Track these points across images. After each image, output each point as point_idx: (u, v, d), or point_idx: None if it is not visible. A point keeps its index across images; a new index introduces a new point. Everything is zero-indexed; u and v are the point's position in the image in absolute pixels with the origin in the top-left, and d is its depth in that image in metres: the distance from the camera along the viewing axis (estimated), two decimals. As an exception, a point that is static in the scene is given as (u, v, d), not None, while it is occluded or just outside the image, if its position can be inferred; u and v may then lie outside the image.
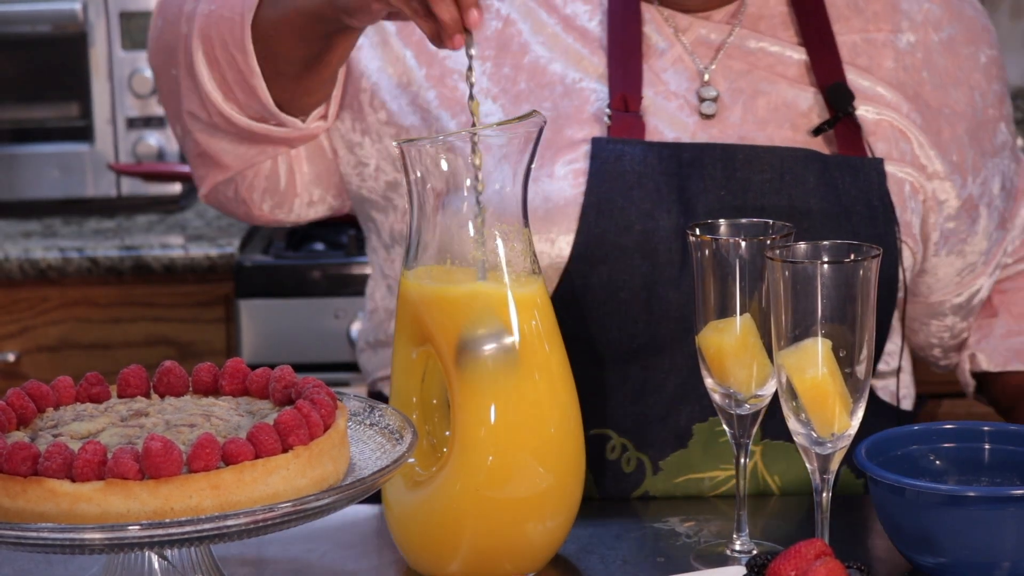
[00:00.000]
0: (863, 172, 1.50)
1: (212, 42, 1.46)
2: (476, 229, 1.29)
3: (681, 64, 1.54)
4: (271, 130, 1.50)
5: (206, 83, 1.48)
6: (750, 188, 1.47)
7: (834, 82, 1.52)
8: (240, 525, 1.07)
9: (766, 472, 1.50)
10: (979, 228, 1.62)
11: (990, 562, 1.25)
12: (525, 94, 1.52)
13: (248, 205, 1.60)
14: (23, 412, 1.20)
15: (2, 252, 2.76)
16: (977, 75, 1.60)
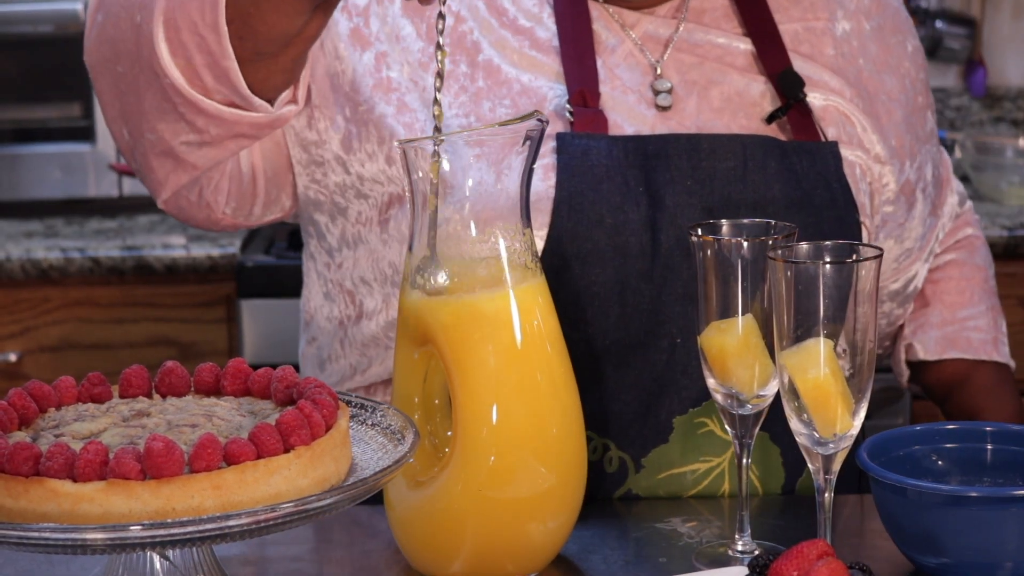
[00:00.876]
0: (819, 156, 1.53)
1: (177, 25, 1.38)
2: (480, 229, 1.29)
3: (633, 59, 1.55)
4: (241, 115, 1.42)
5: (170, 69, 1.39)
6: (715, 177, 1.49)
7: (783, 69, 1.55)
8: (242, 525, 1.07)
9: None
10: (916, 213, 1.66)
11: (992, 562, 1.25)
12: (484, 92, 1.52)
13: (211, 208, 1.56)
14: (25, 412, 1.20)
15: (4, 252, 2.76)
16: (906, 63, 1.66)
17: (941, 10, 3.37)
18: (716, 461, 1.49)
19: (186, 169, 1.49)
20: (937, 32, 3.36)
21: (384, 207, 1.53)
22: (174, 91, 1.40)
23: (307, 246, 1.63)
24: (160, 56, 1.38)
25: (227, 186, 1.55)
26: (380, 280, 1.55)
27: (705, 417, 1.48)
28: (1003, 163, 3.12)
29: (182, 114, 1.42)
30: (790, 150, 1.52)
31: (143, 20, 1.40)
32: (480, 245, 1.29)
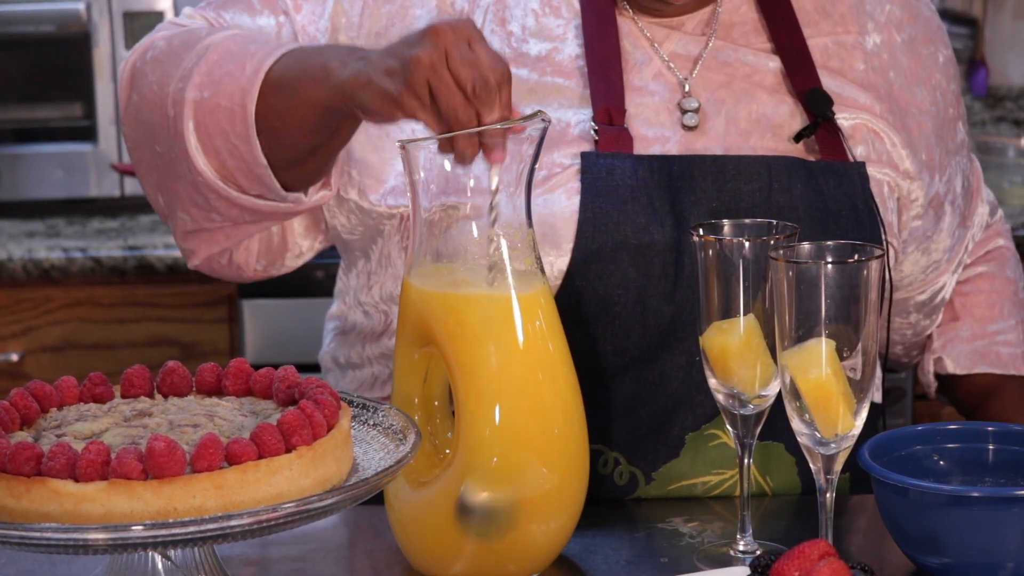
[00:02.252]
0: (846, 176, 1.51)
1: (208, 131, 1.40)
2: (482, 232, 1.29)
3: (662, 77, 1.53)
4: (277, 207, 1.44)
5: (204, 170, 1.41)
6: (741, 198, 1.47)
7: (811, 87, 1.53)
8: (243, 525, 1.07)
9: (757, 473, 1.49)
10: (944, 226, 1.64)
11: (994, 563, 1.25)
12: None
13: (242, 269, 1.57)
14: (26, 412, 1.20)
15: (5, 252, 2.77)
16: (938, 74, 1.63)
17: (943, 10, 3.37)
18: (729, 473, 1.49)
19: (218, 241, 1.52)
20: (939, 32, 3.36)
21: (407, 231, 1.52)
22: (207, 188, 1.43)
23: (350, 267, 1.62)
24: (193, 157, 1.41)
25: (256, 247, 1.56)
26: None
27: (718, 429, 1.48)
28: (1005, 163, 3.12)
29: (215, 206, 1.45)
30: (816, 171, 1.50)
31: (176, 115, 1.42)
32: (482, 246, 1.29)
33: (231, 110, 1.38)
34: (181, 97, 1.41)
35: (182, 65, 1.43)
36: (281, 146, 1.39)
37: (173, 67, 1.44)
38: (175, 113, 1.42)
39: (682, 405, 1.47)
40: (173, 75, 1.43)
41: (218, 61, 1.41)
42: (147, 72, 1.47)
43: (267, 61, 1.39)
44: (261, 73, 1.38)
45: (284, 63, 1.38)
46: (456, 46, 1.24)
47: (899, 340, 1.72)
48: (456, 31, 1.25)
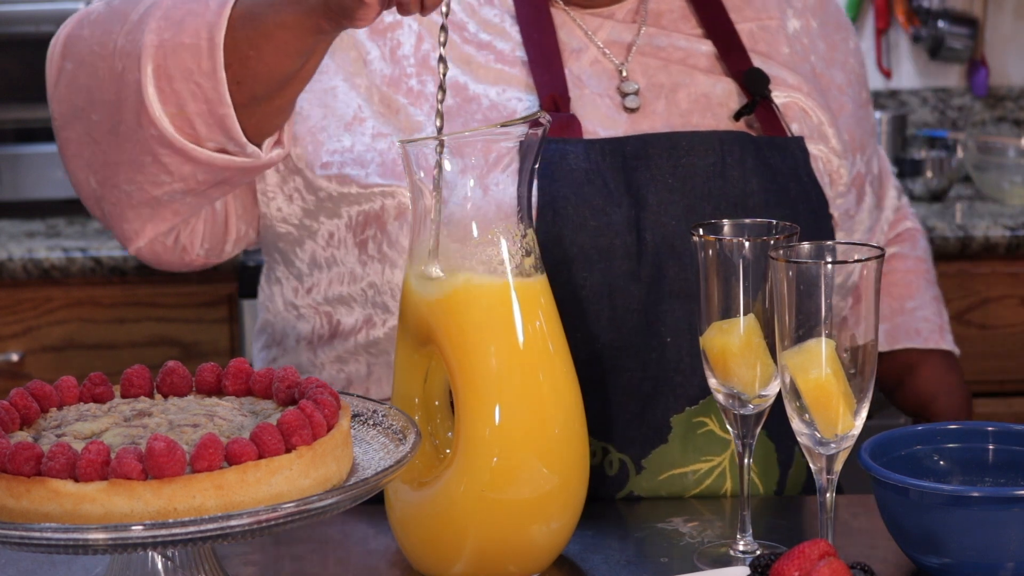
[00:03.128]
0: (789, 151, 1.55)
1: (168, 73, 1.36)
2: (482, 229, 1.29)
3: (599, 64, 1.56)
4: (233, 160, 1.41)
5: (160, 119, 1.36)
6: (696, 173, 1.50)
7: (747, 67, 1.58)
8: (243, 525, 1.08)
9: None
10: (864, 206, 1.70)
11: (994, 563, 1.25)
12: (454, 110, 1.51)
13: (186, 251, 1.54)
14: (26, 412, 1.20)
15: (6, 252, 2.77)
16: (851, 59, 1.71)
17: (943, 10, 3.37)
18: (717, 460, 1.49)
19: (165, 218, 1.47)
20: (939, 32, 3.36)
21: (360, 228, 1.52)
22: (160, 141, 1.38)
23: (271, 271, 1.61)
24: (149, 105, 1.36)
25: (202, 228, 1.53)
26: (361, 301, 1.54)
27: (704, 416, 1.49)
28: (1005, 163, 3.12)
29: (165, 164, 1.40)
30: (763, 145, 1.54)
31: (126, 68, 1.38)
32: (482, 246, 1.29)
33: (196, 46, 1.35)
34: (135, 46, 1.37)
35: (128, 19, 1.40)
36: (251, 78, 1.36)
37: (117, 23, 1.40)
38: (124, 66, 1.38)
39: (663, 387, 1.48)
40: (118, 30, 1.40)
41: (174, 5, 1.38)
42: (84, 36, 1.43)
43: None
44: (228, 4, 1.36)
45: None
46: None
47: None
48: None
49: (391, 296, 1.51)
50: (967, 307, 2.84)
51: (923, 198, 3.12)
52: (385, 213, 1.51)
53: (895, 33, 3.44)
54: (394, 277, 1.51)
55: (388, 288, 1.52)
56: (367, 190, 1.50)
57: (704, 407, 1.48)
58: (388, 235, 1.51)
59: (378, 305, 1.52)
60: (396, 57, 1.54)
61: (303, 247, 1.56)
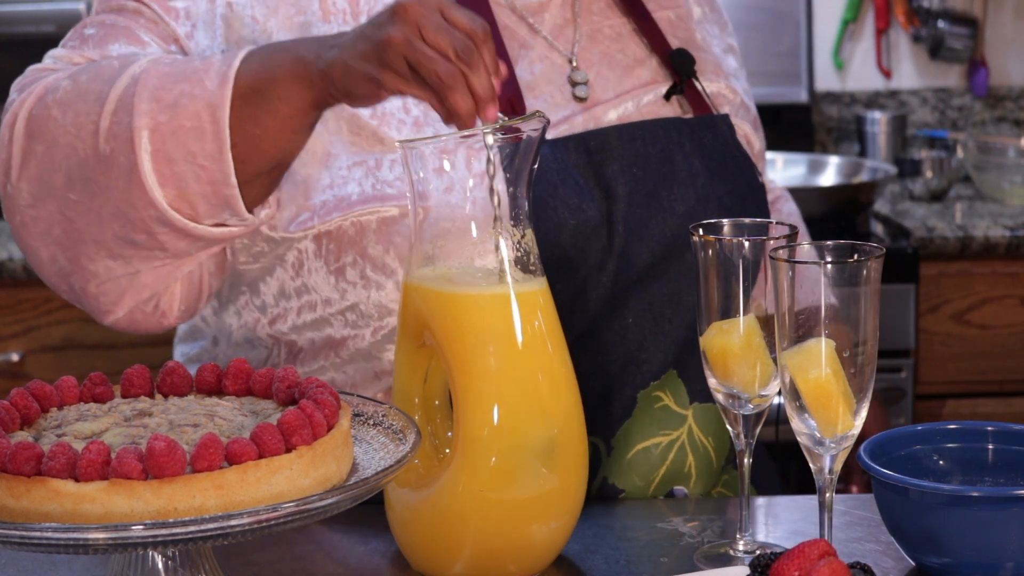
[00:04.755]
0: (718, 128, 1.60)
1: (169, 157, 1.33)
2: (481, 230, 1.29)
3: (547, 59, 1.57)
4: (230, 232, 1.40)
5: (159, 201, 1.34)
6: (651, 161, 1.53)
7: (672, 49, 1.62)
8: (243, 525, 1.08)
9: (701, 434, 1.52)
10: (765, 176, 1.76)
11: (994, 563, 1.25)
12: (422, 120, 1.49)
13: (165, 316, 1.50)
14: (27, 412, 1.20)
15: (6, 252, 2.76)
16: (732, 40, 1.76)
17: (943, 10, 3.37)
18: (675, 434, 1.51)
19: (146, 286, 1.45)
20: (939, 32, 3.36)
21: (334, 256, 1.48)
22: (160, 221, 1.36)
23: (228, 305, 1.57)
24: (149, 189, 1.34)
25: (180, 291, 1.49)
26: (339, 323, 1.51)
27: (660, 391, 1.51)
28: (1005, 163, 3.12)
29: (162, 243, 1.38)
30: (695, 126, 1.58)
31: (115, 150, 1.35)
32: (481, 246, 1.29)
33: (199, 128, 1.33)
34: (125, 129, 1.34)
35: (108, 99, 1.36)
36: (255, 156, 1.35)
37: (93, 104, 1.37)
38: (112, 148, 1.35)
39: (628, 366, 1.50)
40: (96, 111, 1.36)
41: (162, 85, 1.35)
42: (54, 116, 1.38)
43: (230, 71, 1.34)
44: (229, 83, 1.33)
45: (248, 69, 1.34)
46: (427, 17, 1.25)
47: None
48: (424, 3, 1.26)
49: (375, 316, 1.49)
50: (967, 307, 2.84)
51: (923, 198, 3.12)
52: (364, 236, 1.46)
53: (895, 33, 3.44)
54: (381, 297, 1.48)
55: (374, 310, 1.49)
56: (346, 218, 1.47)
57: (662, 382, 1.51)
58: (371, 259, 1.47)
59: (358, 325, 1.50)
60: None
61: (272, 277, 1.52)
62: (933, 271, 2.82)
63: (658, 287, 1.51)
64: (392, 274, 1.47)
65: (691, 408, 1.52)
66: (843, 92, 3.45)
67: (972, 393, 2.82)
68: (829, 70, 3.45)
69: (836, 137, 3.48)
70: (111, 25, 1.50)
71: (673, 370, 1.52)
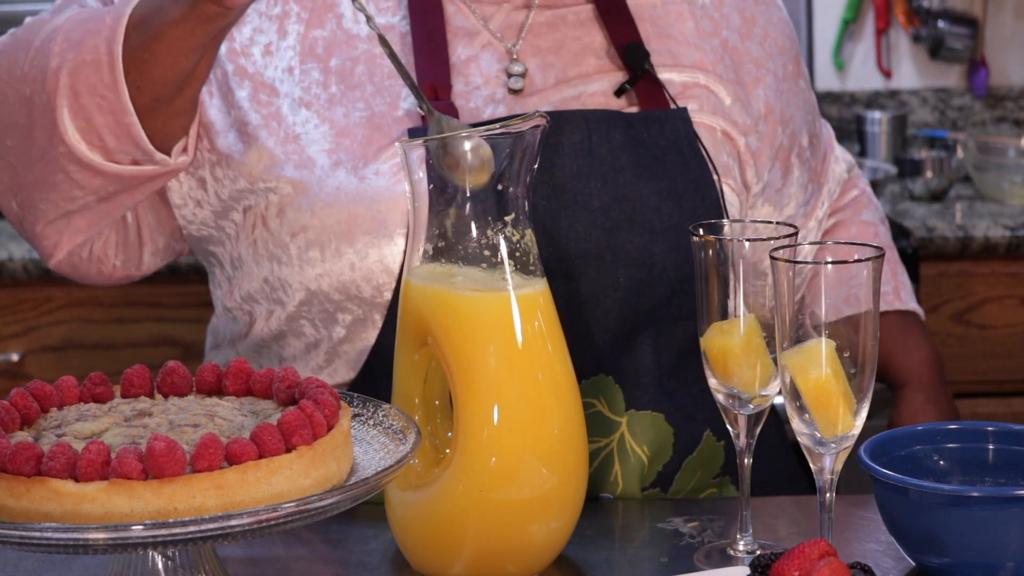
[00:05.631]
0: (668, 123, 1.56)
1: (76, 90, 1.42)
2: (482, 230, 1.29)
3: (491, 47, 1.57)
4: (141, 171, 1.46)
5: (70, 137, 1.43)
6: (563, 152, 1.51)
7: (627, 43, 1.58)
8: (244, 525, 1.08)
9: (634, 442, 1.51)
10: (793, 179, 1.69)
11: (994, 563, 1.25)
12: (337, 97, 1.52)
13: (101, 263, 1.58)
14: (27, 412, 1.20)
15: (6, 252, 2.76)
16: (773, 32, 1.69)
17: (943, 10, 3.37)
18: (604, 441, 1.50)
19: (80, 228, 1.52)
20: (939, 32, 3.36)
21: (251, 228, 1.54)
22: (70, 158, 1.44)
23: (212, 277, 1.64)
24: (61, 124, 1.43)
25: (114, 238, 1.57)
26: (264, 296, 1.55)
27: (592, 397, 1.50)
28: (1005, 163, 3.12)
29: (76, 180, 1.46)
30: (636, 121, 1.54)
31: (33, 92, 1.44)
32: (482, 245, 1.29)
33: (97, 61, 1.41)
34: (40, 70, 1.44)
35: (32, 45, 1.46)
36: (149, 82, 1.41)
37: (21, 51, 1.47)
38: (32, 90, 1.44)
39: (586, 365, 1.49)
40: (23, 57, 1.46)
41: (73, 28, 1.44)
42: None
43: (126, 7, 1.42)
44: (124, 18, 1.41)
45: (141, 4, 1.42)
46: None
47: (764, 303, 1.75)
48: None
49: (282, 290, 1.53)
50: (967, 307, 2.84)
51: (923, 198, 3.12)
52: (268, 211, 1.52)
53: (895, 33, 3.44)
54: (282, 272, 1.52)
55: (279, 283, 1.53)
56: (253, 185, 1.52)
57: (591, 388, 1.49)
58: (272, 233, 1.52)
59: (274, 300, 1.54)
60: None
61: (223, 248, 1.58)
62: (933, 271, 2.82)
63: (573, 287, 1.49)
64: (286, 249, 1.51)
65: (626, 415, 1.50)
66: (843, 92, 3.45)
67: (972, 393, 2.82)
68: (829, 70, 3.45)
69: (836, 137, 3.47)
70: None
71: (608, 376, 1.50)
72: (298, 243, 1.50)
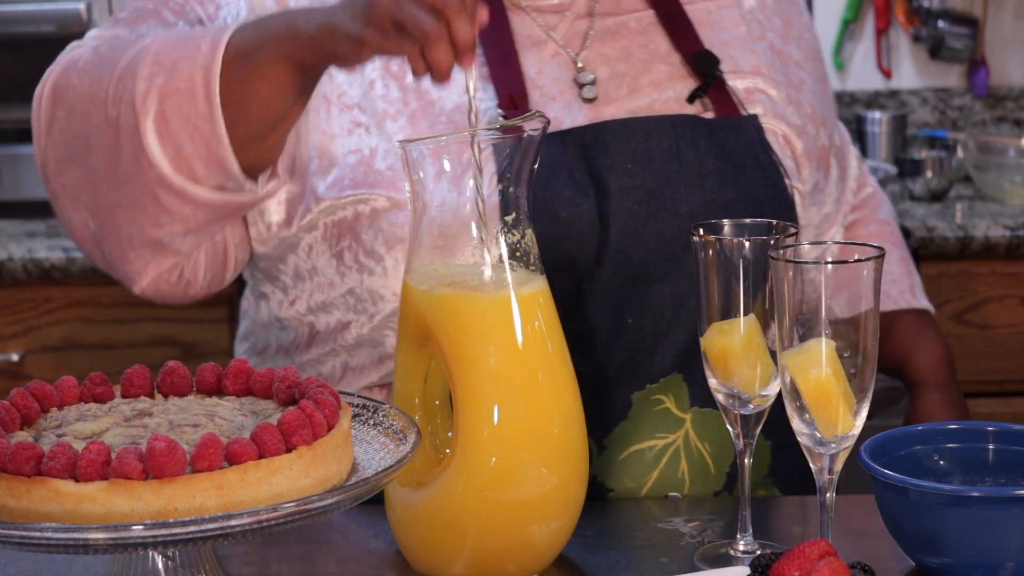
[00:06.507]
0: (743, 129, 1.57)
1: (166, 117, 1.40)
2: (478, 227, 1.29)
3: (559, 57, 1.57)
4: (231, 199, 1.45)
5: (160, 163, 1.40)
6: (653, 158, 1.52)
7: (697, 50, 1.59)
8: (244, 525, 1.08)
9: (697, 440, 1.51)
10: (831, 178, 1.72)
11: (994, 563, 1.25)
12: (419, 113, 1.52)
13: (190, 285, 1.56)
14: (27, 412, 1.20)
15: (6, 252, 2.77)
16: (806, 34, 1.72)
17: (943, 10, 3.36)
18: (671, 438, 1.51)
19: (168, 256, 1.50)
20: (939, 32, 3.36)
21: (335, 239, 1.53)
22: (160, 183, 1.42)
23: (257, 286, 1.63)
24: (149, 149, 1.40)
25: (204, 261, 1.55)
26: (342, 306, 1.55)
27: (662, 394, 1.50)
28: (1005, 163, 3.12)
29: (165, 206, 1.43)
30: (716, 127, 1.56)
31: (120, 114, 1.41)
32: (482, 246, 1.29)
33: (191, 91, 1.38)
34: (128, 92, 1.41)
35: (117, 66, 1.43)
36: (246, 118, 1.39)
37: (106, 71, 1.44)
38: (118, 112, 1.41)
39: (626, 367, 1.50)
40: (108, 78, 1.43)
41: (163, 50, 1.41)
42: (74, 84, 1.46)
43: (223, 36, 1.39)
44: (220, 47, 1.39)
45: (241, 35, 1.39)
46: None
47: None
48: None
49: (370, 301, 1.52)
50: (967, 307, 2.84)
51: (923, 198, 3.12)
52: (359, 222, 1.51)
53: (895, 33, 3.44)
54: (373, 283, 1.51)
55: (367, 294, 1.52)
56: (339, 200, 1.51)
57: (663, 385, 1.50)
58: (363, 244, 1.51)
59: (358, 310, 1.53)
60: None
61: (286, 261, 1.57)
62: (933, 271, 2.82)
63: (659, 288, 1.50)
64: (380, 260, 1.50)
65: (690, 412, 1.51)
66: (843, 92, 3.45)
67: (972, 393, 2.82)
68: (829, 70, 3.45)
69: (836, 137, 3.47)
70: (141, 8, 1.57)
71: (679, 374, 1.51)
72: (395, 255, 1.49)
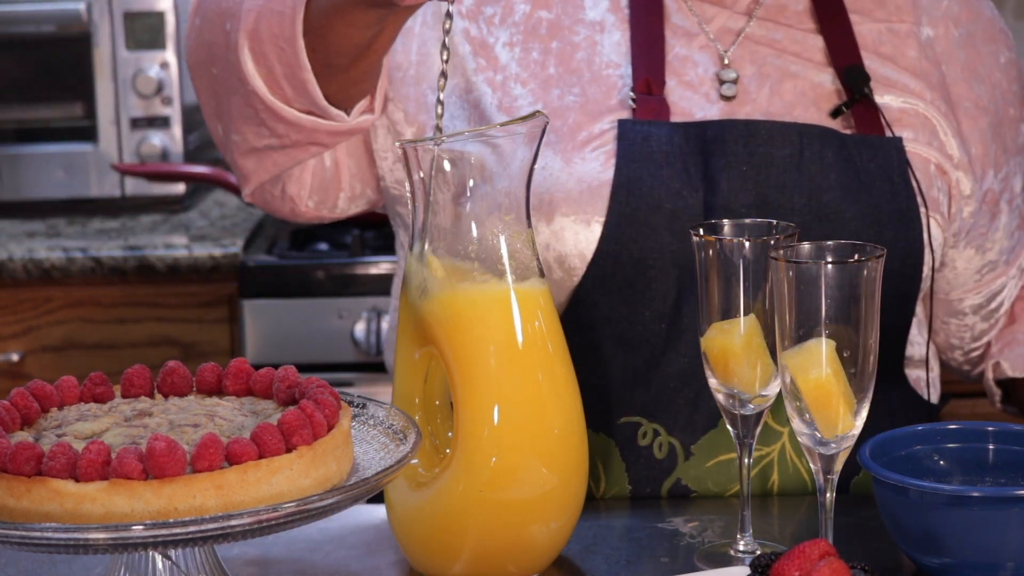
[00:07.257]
0: (882, 150, 1.53)
1: (260, 37, 1.44)
2: (482, 229, 1.29)
3: (707, 49, 1.57)
4: (319, 123, 1.48)
5: (253, 78, 1.46)
6: (772, 163, 1.50)
7: (849, 64, 1.56)
8: (244, 525, 1.08)
9: (794, 454, 1.50)
10: (1000, 225, 1.64)
11: (994, 563, 1.25)
12: (554, 79, 1.54)
13: (295, 202, 1.60)
14: (27, 412, 1.20)
15: (6, 252, 2.77)
16: (997, 74, 1.64)
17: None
18: (766, 451, 1.49)
19: (267, 168, 1.55)
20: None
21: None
22: (256, 98, 1.47)
23: (397, 237, 1.67)
24: (244, 64, 1.45)
25: (309, 180, 1.59)
26: None
27: None
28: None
29: (263, 120, 1.49)
30: (850, 142, 1.53)
31: (232, 28, 1.47)
32: (482, 245, 1.29)
33: (282, 13, 1.43)
34: (239, 8, 1.46)
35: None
36: (324, 47, 1.43)
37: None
38: (231, 26, 1.47)
39: None
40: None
41: None
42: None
43: None
44: None
45: None
46: None
47: (957, 344, 1.71)
48: None
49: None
50: (967, 307, 2.84)
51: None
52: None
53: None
54: None
55: None
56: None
57: None
58: None
59: None
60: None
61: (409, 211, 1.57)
62: (933, 271, 2.82)
63: None
64: None
65: (788, 426, 1.49)
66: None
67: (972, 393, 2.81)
68: None
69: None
70: None
71: None
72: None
